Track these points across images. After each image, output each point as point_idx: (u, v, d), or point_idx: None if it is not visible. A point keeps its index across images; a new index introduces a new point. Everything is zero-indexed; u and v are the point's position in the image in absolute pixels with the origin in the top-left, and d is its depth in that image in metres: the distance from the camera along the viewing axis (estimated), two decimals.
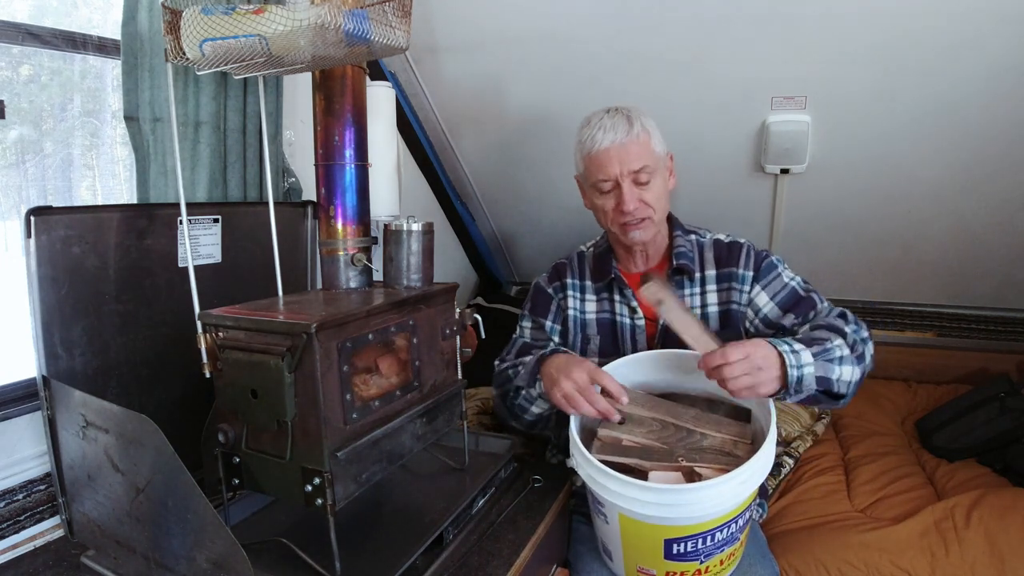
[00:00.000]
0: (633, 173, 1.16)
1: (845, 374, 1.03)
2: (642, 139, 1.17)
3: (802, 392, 1.00)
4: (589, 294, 1.33)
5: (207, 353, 0.90)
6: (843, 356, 1.04)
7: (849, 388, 1.05)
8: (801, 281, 1.23)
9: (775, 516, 1.45)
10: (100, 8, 1.29)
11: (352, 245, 1.08)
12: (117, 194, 1.37)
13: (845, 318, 1.14)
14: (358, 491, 0.89)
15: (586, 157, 1.21)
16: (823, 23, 1.37)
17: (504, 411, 1.29)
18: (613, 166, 1.16)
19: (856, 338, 1.08)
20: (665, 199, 1.22)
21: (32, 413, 1.01)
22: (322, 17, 0.83)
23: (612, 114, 1.18)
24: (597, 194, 1.22)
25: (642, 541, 0.98)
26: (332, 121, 1.05)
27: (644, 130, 1.18)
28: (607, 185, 1.18)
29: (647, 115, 1.21)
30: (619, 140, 1.15)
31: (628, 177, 1.16)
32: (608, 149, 1.16)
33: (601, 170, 1.18)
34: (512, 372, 1.26)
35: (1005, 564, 1.20)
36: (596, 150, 1.17)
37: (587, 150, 1.19)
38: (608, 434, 1.05)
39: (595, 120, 1.19)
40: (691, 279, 1.26)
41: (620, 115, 1.18)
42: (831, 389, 1.03)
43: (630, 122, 1.17)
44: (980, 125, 1.48)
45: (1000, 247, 1.76)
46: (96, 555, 0.93)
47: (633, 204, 1.16)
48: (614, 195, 1.19)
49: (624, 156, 1.16)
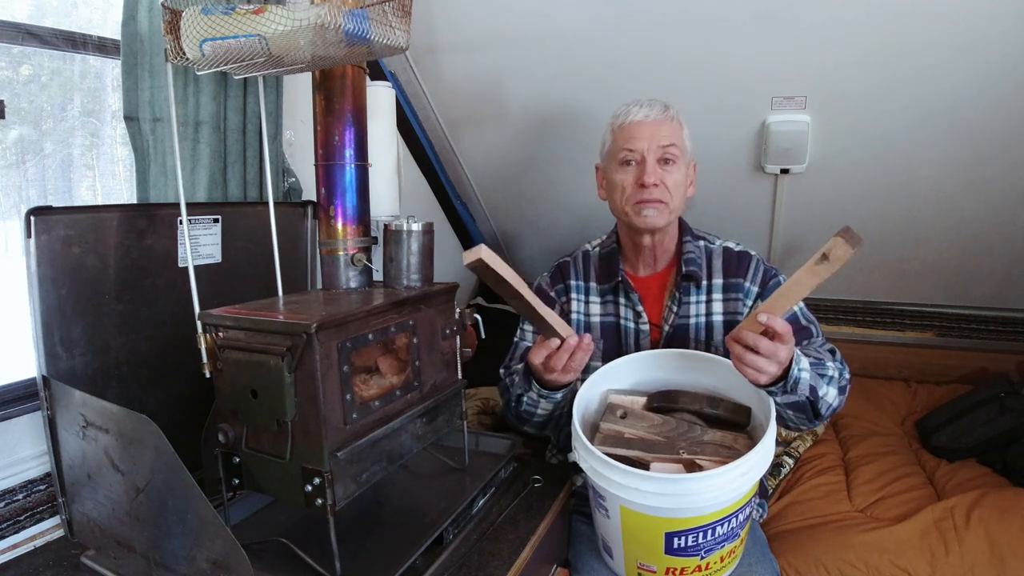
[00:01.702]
0: (661, 148, 1.18)
1: (830, 396, 1.08)
2: (675, 124, 1.21)
3: (795, 394, 1.01)
4: (593, 296, 1.31)
5: (207, 353, 0.90)
6: (832, 377, 1.09)
7: (827, 411, 1.09)
8: (804, 308, 1.22)
9: (775, 516, 1.45)
10: (100, 8, 1.29)
11: (352, 245, 1.08)
12: (117, 194, 1.37)
13: (833, 355, 1.16)
14: (358, 491, 0.89)
15: (616, 129, 1.22)
16: (823, 23, 1.37)
17: (514, 419, 1.28)
18: (643, 139, 1.18)
19: (843, 381, 1.12)
20: (683, 193, 1.23)
21: (32, 413, 1.01)
22: (322, 17, 0.83)
23: (650, 101, 1.22)
24: (618, 168, 1.21)
25: (643, 535, 0.98)
26: (332, 121, 1.05)
27: (678, 120, 1.22)
28: (632, 156, 1.19)
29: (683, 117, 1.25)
30: (654, 116, 1.19)
31: (655, 153, 1.18)
32: (641, 122, 1.19)
33: (630, 140, 1.19)
34: (510, 381, 1.26)
35: (1005, 564, 1.20)
36: (629, 121, 1.20)
37: (620, 122, 1.22)
38: (610, 427, 1.05)
39: (631, 102, 1.23)
40: (698, 287, 1.24)
41: (658, 101, 1.22)
42: (816, 404, 1.05)
43: (666, 108, 1.21)
44: (980, 125, 1.48)
45: (1000, 247, 1.76)
46: (96, 555, 0.93)
47: (654, 178, 1.17)
48: (636, 169, 1.19)
49: (656, 131, 1.18)
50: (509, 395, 1.24)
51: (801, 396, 1.02)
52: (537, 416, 1.22)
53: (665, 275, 1.29)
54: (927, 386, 1.96)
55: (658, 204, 1.18)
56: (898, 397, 1.93)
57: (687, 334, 1.24)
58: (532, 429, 1.27)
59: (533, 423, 1.24)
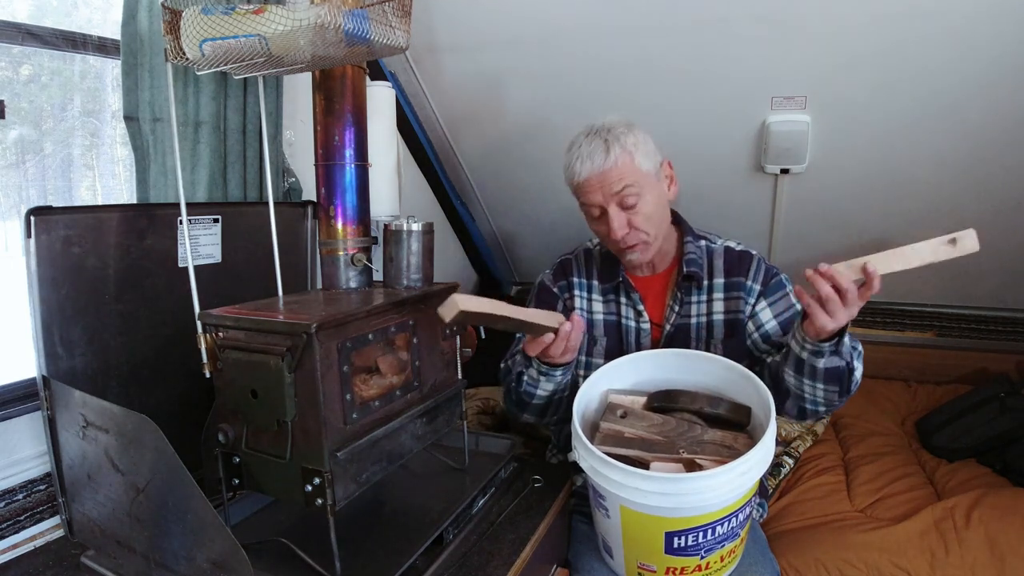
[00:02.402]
0: (616, 195, 1.14)
1: (858, 371, 1.08)
2: (622, 162, 1.14)
3: (840, 354, 1.02)
4: (596, 294, 1.32)
5: (207, 353, 0.90)
6: (860, 353, 1.09)
7: (853, 387, 1.09)
8: None
9: (775, 516, 1.45)
10: (100, 8, 1.29)
11: (352, 245, 1.08)
12: (117, 194, 1.37)
13: None
14: (358, 491, 0.89)
15: (571, 185, 1.22)
16: (823, 23, 1.37)
17: (513, 405, 1.28)
18: (596, 194, 1.16)
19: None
20: (660, 215, 1.20)
21: (32, 413, 1.01)
22: (322, 17, 0.83)
23: (591, 139, 1.16)
24: (590, 219, 1.22)
25: (643, 534, 0.98)
26: (332, 121, 1.05)
27: (625, 151, 1.14)
28: (595, 211, 1.18)
29: (632, 130, 1.17)
30: (597, 168, 1.14)
31: (613, 201, 1.15)
32: (588, 179, 1.15)
33: (585, 196, 1.18)
34: (511, 362, 1.27)
35: (1005, 564, 1.20)
36: (577, 180, 1.18)
37: (569, 179, 1.21)
38: (610, 426, 1.05)
39: (575, 147, 1.18)
40: (699, 287, 1.25)
41: (599, 139, 1.15)
42: (851, 374, 1.06)
43: (608, 146, 1.14)
44: (980, 125, 1.48)
45: (1000, 247, 1.76)
46: (96, 555, 0.93)
47: (622, 231, 1.15)
48: (603, 220, 1.18)
49: (604, 182, 1.14)
50: (510, 378, 1.25)
51: (843, 361, 1.02)
52: (536, 398, 1.21)
53: (667, 275, 1.29)
54: (927, 386, 1.96)
55: (637, 247, 1.19)
56: (898, 397, 1.94)
57: (688, 333, 1.25)
58: (531, 415, 1.26)
59: (532, 407, 1.24)
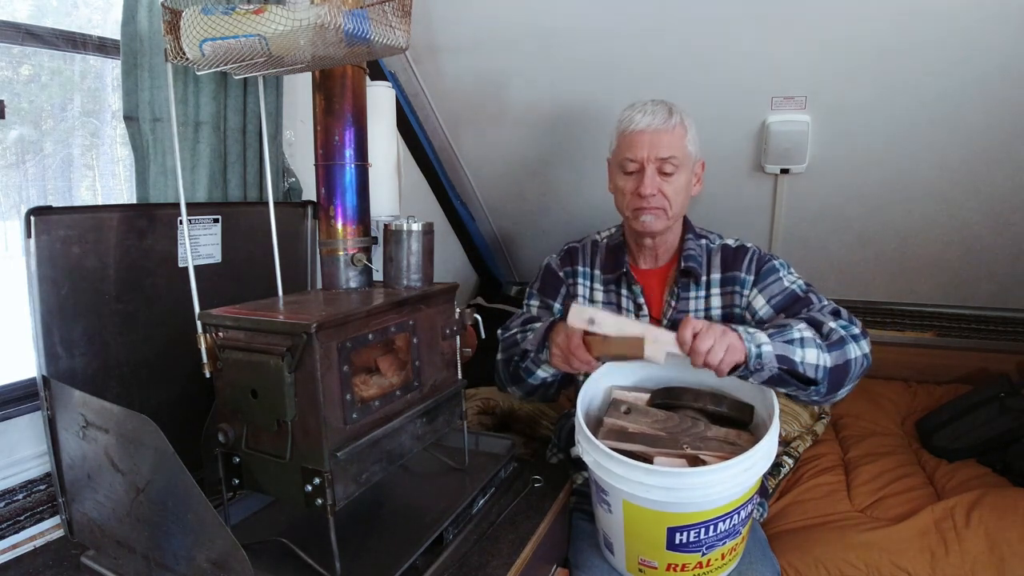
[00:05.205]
0: (659, 160, 1.18)
1: (809, 356, 1.04)
2: (677, 131, 1.20)
3: (763, 369, 1.01)
4: (598, 284, 1.34)
5: (207, 353, 0.90)
6: (804, 339, 1.05)
7: (818, 373, 1.05)
8: (803, 284, 1.23)
9: (775, 516, 1.45)
10: (100, 8, 1.29)
11: (352, 245, 1.08)
12: (117, 194, 1.37)
13: (837, 314, 1.15)
14: (358, 491, 0.89)
15: (620, 135, 1.24)
16: (823, 23, 1.37)
17: (506, 375, 1.31)
18: (642, 149, 1.19)
19: (842, 332, 1.08)
20: (684, 197, 1.24)
21: (32, 413, 1.01)
22: (322, 17, 0.83)
23: (656, 103, 1.22)
24: (621, 174, 1.24)
25: (645, 530, 0.98)
26: (332, 121, 1.05)
27: (682, 124, 1.21)
28: (632, 166, 1.21)
29: (690, 116, 1.23)
30: (654, 125, 1.19)
31: (653, 163, 1.19)
32: (643, 131, 1.19)
33: (630, 149, 1.20)
34: (520, 336, 1.27)
35: (1005, 564, 1.20)
36: (630, 130, 1.21)
37: (622, 128, 1.23)
38: (614, 422, 1.06)
39: (638, 104, 1.23)
40: (697, 283, 1.26)
41: (663, 105, 1.21)
42: (796, 370, 1.03)
43: (670, 113, 1.20)
44: (980, 125, 1.48)
45: (1000, 247, 1.76)
46: (96, 555, 0.93)
47: (651, 189, 1.19)
48: (636, 178, 1.21)
49: (655, 141, 1.18)
50: (515, 349, 1.26)
51: (772, 371, 1.02)
52: (534, 378, 1.24)
53: (666, 270, 1.31)
54: (927, 386, 1.96)
55: (655, 211, 1.21)
56: (898, 397, 1.93)
57: None
58: (520, 391, 1.30)
59: (525, 384, 1.26)
